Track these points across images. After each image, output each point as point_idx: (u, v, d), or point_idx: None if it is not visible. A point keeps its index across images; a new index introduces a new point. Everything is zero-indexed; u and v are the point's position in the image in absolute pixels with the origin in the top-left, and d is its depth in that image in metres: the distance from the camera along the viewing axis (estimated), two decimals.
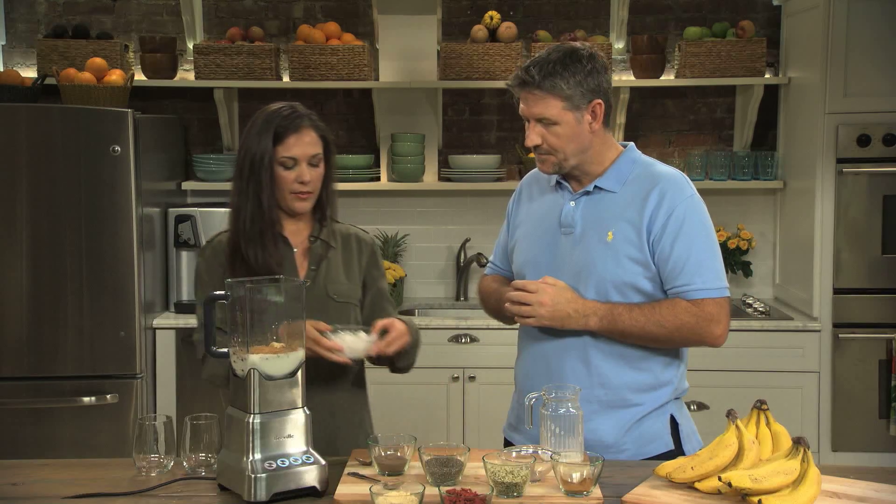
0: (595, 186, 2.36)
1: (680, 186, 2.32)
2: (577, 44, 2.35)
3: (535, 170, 2.52)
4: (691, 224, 2.28)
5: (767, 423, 2.05)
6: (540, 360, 2.39)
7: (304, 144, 2.34)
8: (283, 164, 2.33)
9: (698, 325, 2.26)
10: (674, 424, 2.36)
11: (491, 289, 2.55)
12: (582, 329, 2.29)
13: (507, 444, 2.49)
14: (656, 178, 2.33)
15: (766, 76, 4.36)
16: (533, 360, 2.42)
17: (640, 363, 2.33)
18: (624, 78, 4.46)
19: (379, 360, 2.39)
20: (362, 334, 2.28)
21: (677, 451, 2.33)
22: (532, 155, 4.07)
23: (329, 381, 2.40)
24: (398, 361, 2.42)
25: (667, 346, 2.33)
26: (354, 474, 2.10)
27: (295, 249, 2.43)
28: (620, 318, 2.26)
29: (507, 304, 2.34)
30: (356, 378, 2.51)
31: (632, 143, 2.43)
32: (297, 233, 2.44)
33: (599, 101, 2.30)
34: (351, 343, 2.25)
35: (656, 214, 2.28)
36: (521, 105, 2.33)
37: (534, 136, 2.32)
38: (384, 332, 2.31)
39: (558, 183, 2.42)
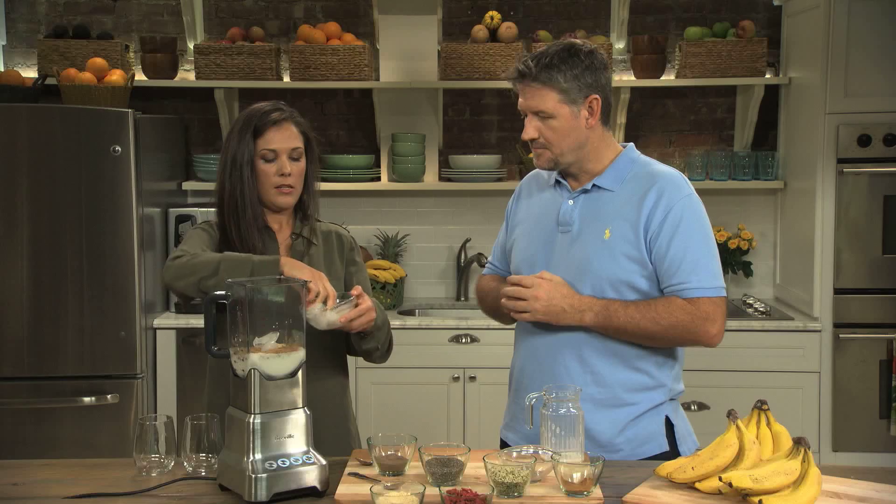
0: (593, 185, 2.36)
1: (678, 185, 2.32)
2: (578, 40, 2.35)
3: (535, 170, 2.53)
4: (688, 223, 2.28)
5: (768, 424, 2.05)
6: (534, 358, 2.39)
7: (284, 138, 2.38)
8: (263, 157, 2.37)
9: (693, 323, 2.25)
10: (669, 426, 2.36)
11: (489, 288, 2.54)
12: (577, 325, 2.29)
13: (503, 444, 2.49)
14: (654, 177, 2.33)
15: (767, 76, 4.36)
16: (527, 357, 2.42)
17: (635, 362, 2.32)
18: (624, 78, 4.46)
19: (348, 344, 2.42)
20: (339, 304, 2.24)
21: (672, 452, 2.33)
22: (532, 155, 4.07)
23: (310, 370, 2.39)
24: (364, 343, 2.40)
25: (662, 345, 2.32)
26: (355, 474, 2.10)
27: (279, 247, 2.45)
28: (616, 315, 2.26)
29: (502, 300, 2.34)
30: (337, 366, 2.50)
31: (631, 144, 2.44)
32: (279, 231, 2.46)
33: (596, 96, 2.31)
34: (321, 312, 2.20)
35: (654, 213, 2.28)
36: (520, 99, 2.34)
37: (530, 129, 2.32)
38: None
39: (557, 182, 2.43)
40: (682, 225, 2.27)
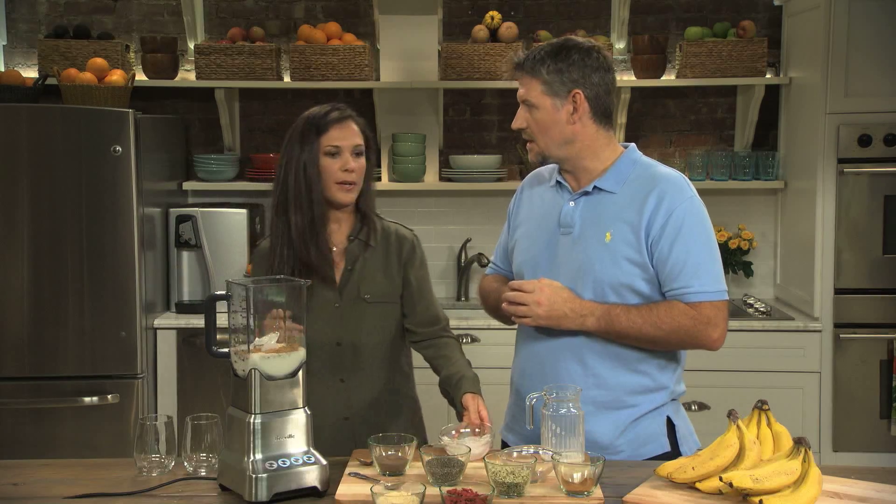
0: (594, 187, 2.35)
1: (680, 188, 2.31)
2: (580, 39, 2.36)
3: (537, 170, 2.53)
4: (690, 226, 2.27)
5: (768, 424, 2.05)
6: (535, 361, 2.39)
7: (347, 135, 2.45)
8: (328, 153, 2.43)
9: (695, 328, 2.24)
10: (670, 426, 2.35)
11: (491, 288, 2.55)
12: (578, 329, 2.29)
13: (504, 445, 2.50)
14: (656, 180, 2.32)
15: (767, 76, 4.36)
16: (529, 361, 2.42)
17: (637, 365, 2.32)
18: (625, 78, 4.46)
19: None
20: (479, 438, 2.23)
21: (674, 452, 2.32)
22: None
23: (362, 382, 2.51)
24: None
25: (664, 348, 2.32)
26: (355, 474, 2.10)
27: (334, 248, 2.50)
28: (617, 319, 2.25)
29: (504, 304, 2.34)
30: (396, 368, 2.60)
31: (633, 145, 2.42)
32: (337, 231, 2.52)
33: (579, 90, 2.30)
34: (472, 448, 2.16)
35: (655, 216, 2.27)
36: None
37: (518, 118, 2.36)
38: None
39: (558, 183, 2.42)
40: (684, 228, 2.26)
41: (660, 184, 2.30)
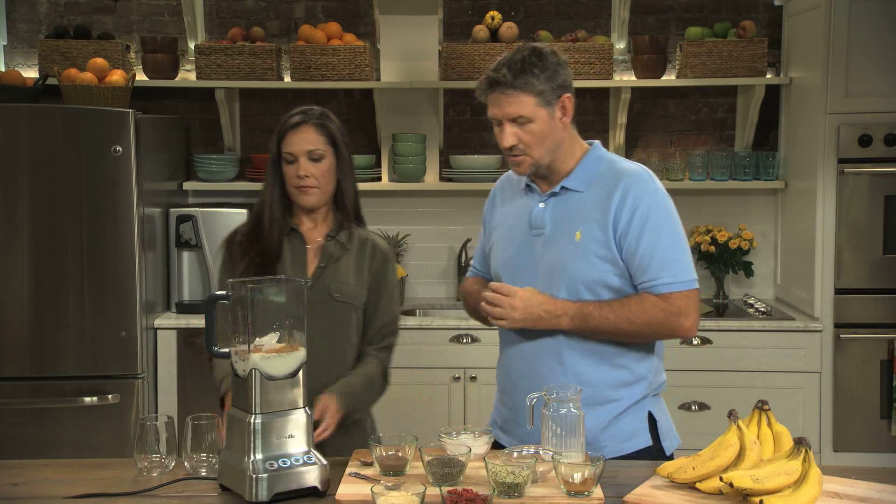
0: (562, 187, 2.38)
1: (643, 182, 2.33)
2: (536, 43, 2.38)
3: (507, 173, 2.57)
4: (656, 219, 2.30)
5: (769, 424, 2.05)
6: (518, 361, 2.43)
7: (301, 141, 2.49)
8: (285, 160, 2.49)
9: (667, 319, 2.28)
10: (652, 421, 2.38)
11: (471, 290, 2.59)
12: (554, 329, 2.32)
13: (495, 444, 2.50)
14: (620, 176, 2.35)
15: (768, 76, 4.36)
16: (511, 360, 2.46)
17: (615, 359, 2.35)
18: (625, 78, 4.46)
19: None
20: (479, 438, 2.20)
21: (656, 447, 2.36)
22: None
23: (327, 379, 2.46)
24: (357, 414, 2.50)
25: (640, 341, 2.35)
26: (356, 474, 2.10)
27: (308, 246, 2.53)
28: (591, 317, 2.29)
29: (482, 304, 2.37)
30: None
31: (597, 142, 2.46)
32: (313, 230, 2.55)
33: (569, 94, 2.34)
34: (472, 448, 2.13)
35: (621, 211, 2.30)
36: (492, 108, 2.34)
37: (509, 137, 2.32)
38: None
39: (528, 185, 2.45)
40: (650, 221, 2.29)
41: (624, 179, 2.33)
